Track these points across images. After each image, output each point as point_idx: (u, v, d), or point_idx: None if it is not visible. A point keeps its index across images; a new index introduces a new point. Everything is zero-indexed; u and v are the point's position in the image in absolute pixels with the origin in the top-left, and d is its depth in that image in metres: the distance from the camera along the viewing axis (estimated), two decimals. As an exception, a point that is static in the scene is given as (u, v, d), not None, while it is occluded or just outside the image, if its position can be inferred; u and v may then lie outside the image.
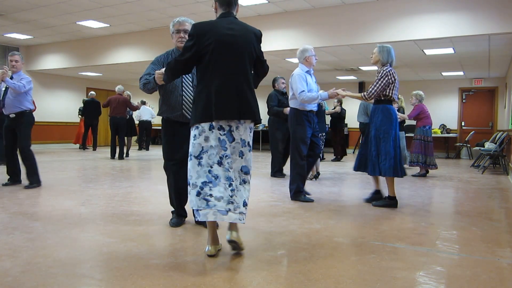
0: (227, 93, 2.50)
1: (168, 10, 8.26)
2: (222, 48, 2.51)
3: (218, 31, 2.52)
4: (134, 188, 5.39)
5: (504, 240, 3.32)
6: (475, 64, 10.17)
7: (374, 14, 7.37)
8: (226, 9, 2.60)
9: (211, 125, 2.50)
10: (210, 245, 2.62)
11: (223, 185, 2.49)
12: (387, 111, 4.30)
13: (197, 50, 2.52)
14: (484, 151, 8.53)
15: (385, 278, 2.33)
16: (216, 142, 2.51)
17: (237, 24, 2.60)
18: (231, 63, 2.54)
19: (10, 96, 5.24)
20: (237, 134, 2.55)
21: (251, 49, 2.62)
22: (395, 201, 4.39)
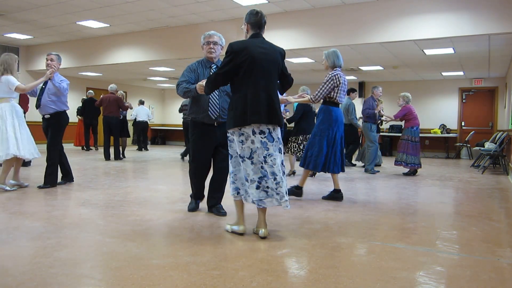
0: (260, 101, 2.95)
1: (168, 10, 8.25)
2: (255, 64, 2.96)
3: (252, 49, 2.98)
4: (134, 188, 5.39)
5: (504, 240, 3.32)
6: (475, 64, 10.17)
7: (374, 14, 7.36)
8: (257, 31, 3.11)
9: (253, 131, 2.96)
10: (241, 225, 3.18)
11: (270, 180, 2.98)
12: (329, 112, 4.60)
13: (234, 65, 2.96)
14: (484, 151, 8.53)
15: (385, 278, 2.33)
16: (259, 144, 2.97)
17: (266, 43, 3.11)
18: (262, 76, 2.99)
19: (46, 97, 5.26)
20: (275, 135, 3.04)
21: (277, 65, 3.11)
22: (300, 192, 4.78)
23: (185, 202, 4.44)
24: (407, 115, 7.55)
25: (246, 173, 3.01)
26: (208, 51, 3.76)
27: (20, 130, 5.03)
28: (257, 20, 3.08)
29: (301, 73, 11.98)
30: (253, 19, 3.08)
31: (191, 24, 9.23)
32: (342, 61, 4.65)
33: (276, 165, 2.98)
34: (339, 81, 4.50)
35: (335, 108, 4.61)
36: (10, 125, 4.95)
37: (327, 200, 4.74)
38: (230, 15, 8.43)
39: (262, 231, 3.07)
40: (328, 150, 4.59)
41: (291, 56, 9.41)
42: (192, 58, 9.65)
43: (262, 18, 3.10)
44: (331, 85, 4.49)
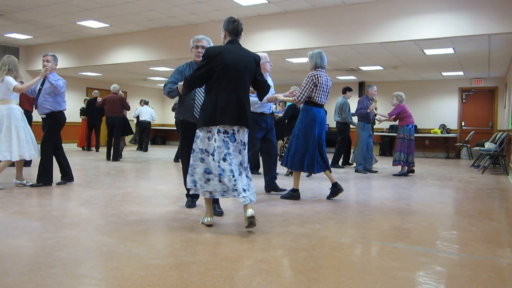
0: (229, 104, 3.16)
1: (168, 10, 8.26)
2: (228, 69, 3.16)
3: (226, 55, 3.18)
4: (134, 188, 5.39)
5: (504, 240, 3.32)
6: (475, 64, 10.17)
7: (374, 14, 7.36)
8: (233, 37, 3.32)
9: (218, 130, 3.16)
10: (209, 217, 3.40)
11: (227, 177, 3.14)
12: (307, 111, 4.63)
13: (208, 69, 3.16)
14: (484, 151, 8.53)
15: (385, 278, 2.33)
16: (220, 143, 3.17)
17: (241, 50, 3.30)
18: (234, 81, 3.20)
19: (42, 97, 5.27)
20: (238, 137, 3.25)
21: (250, 71, 3.30)
22: (297, 194, 4.74)
23: (185, 202, 4.44)
24: (401, 114, 7.58)
25: (210, 166, 3.19)
26: (196, 55, 3.91)
27: (18, 132, 5.04)
28: (234, 28, 3.31)
29: (301, 73, 11.98)
30: (231, 27, 3.31)
31: (191, 24, 9.23)
32: (325, 62, 4.66)
33: (234, 164, 3.19)
34: (318, 81, 4.51)
35: (315, 108, 4.61)
36: (6, 128, 4.97)
37: (329, 200, 4.74)
38: (230, 15, 8.41)
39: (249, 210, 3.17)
40: (308, 149, 4.60)
41: (291, 56, 9.41)
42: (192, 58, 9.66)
43: (239, 26, 3.32)
44: (310, 85, 4.52)
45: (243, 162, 3.31)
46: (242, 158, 3.30)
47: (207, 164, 3.20)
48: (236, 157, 3.25)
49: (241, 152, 3.29)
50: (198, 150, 3.25)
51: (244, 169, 3.32)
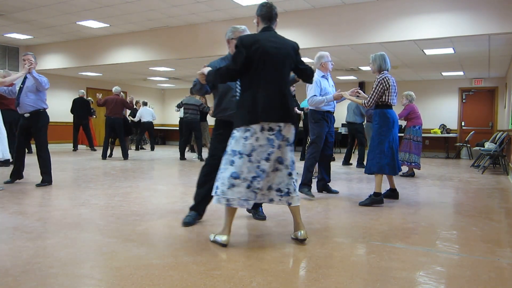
0: (271, 98, 2.82)
1: (168, 10, 8.25)
2: (266, 59, 2.81)
3: (263, 43, 2.82)
4: (134, 188, 5.39)
5: (504, 240, 3.32)
6: (475, 64, 10.17)
7: (374, 14, 7.36)
8: (267, 24, 2.97)
9: (262, 127, 2.80)
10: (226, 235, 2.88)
11: (266, 178, 2.86)
12: (384, 115, 4.61)
13: (245, 60, 2.80)
14: (484, 151, 8.53)
15: (385, 278, 2.33)
16: (264, 142, 2.81)
17: (278, 38, 2.95)
18: (274, 72, 2.85)
19: (25, 95, 5.23)
20: (285, 133, 2.88)
21: (290, 59, 2.95)
22: (380, 198, 4.56)
23: (185, 202, 4.44)
24: (410, 114, 7.50)
25: (240, 170, 2.81)
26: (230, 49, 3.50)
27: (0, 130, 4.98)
28: (267, 12, 2.97)
29: (301, 73, 11.98)
30: (264, 11, 2.97)
31: (191, 24, 9.23)
32: (389, 65, 4.67)
33: (271, 163, 2.87)
34: (388, 83, 4.54)
35: (390, 111, 4.64)
36: None
37: (329, 200, 4.74)
38: (230, 15, 8.43)
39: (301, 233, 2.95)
40: (391, 152, 4.60)
41: (291, 56, 9.40)
42: (192, 58, 9.68)
43: (273, 10, 2.98)
44: (381, 88, 4.53)
45: (284, 159, 2.92)
46: (281, 155, 2.91)
47: (236, 168, 2.81)
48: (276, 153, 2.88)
49: (281, 148, 2.90)
50: (230, 152, 2.87)
51: (286, 167, 2.93)
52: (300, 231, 2.96)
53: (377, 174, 4.57)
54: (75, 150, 12.16)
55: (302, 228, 2.97)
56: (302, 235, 2.94)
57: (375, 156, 4.58)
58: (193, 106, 9.72)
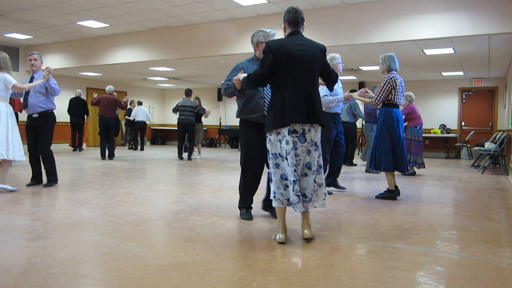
0: (298, 100, 2.87)
1: (168, 10, 8.25)
2: (293, 62, 2.88)
3: (289, 47, 2.90)
4: (134, 188, 5.39)
5: (504, 240, 3.32)
6: (475, 64, 10.17)
7: (374, 14, 7.36)
8: (294, 28, 3.05)
9: (289, 130, 2.86)
10: (280, 233, 2.98)
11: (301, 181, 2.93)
12: (389, 113, 4.79)
13: (273, 65, 2.88)
14: (484, 151, 8.53)
15: (385, 278, 2.33)
16: (292, 145, 2.87)
17: (304, 40, 3.02)
18: (301, 75, 2.90)
19: (34, 96, 5.22)
20: (309, 136, 2.93)
21: (317, 61, 2.99)
22: (393, 194, 4.84)
23: (185, 202, 4.45)
24: (410, 114, 7.55)
25: (285, 172, 2.94)
26: None
27: (13, 131, 4.92)
28: (294, 17, 3.04)
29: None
30: (290, 16, 3.04)
31: (191, 24, 9.23)
32: (398, 65, 4.84)
33: (299, 167, 2.93)
34: (395, 83, 4.68)
35: (395, 109, 4.81)
36: (4, 126, 4.84)
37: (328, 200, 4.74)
38: (230, 15, 8.43)
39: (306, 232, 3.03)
40: (394, 149, 4.78)
41: (291, 56, 9.40)
42: (192, 58, 9.69)
43: (299, 15, 3.05)
44: (388, 87, 4.69)
45: (312, 164, 2.97)
46: (310, 160, 2.96)
47: (282, 170, 2.94)
48: (304, 158, 2.93)
49: (310, 153, 2.95)
50: (272, 156, 2.98)
51: (313, 173, 2.97)
52: (306, 230, 3.03)
53: (386, 172, 4.80)
54: (74, 150, 12.14)
55: (308, 227, 3.04)
56: (306, 234, 3.02)
57: (381, 155, 4.77)
58: (189, 108, 9.92)
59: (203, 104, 17.12)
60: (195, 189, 5.42)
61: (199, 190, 5.29)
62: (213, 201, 4.53)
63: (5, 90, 4.92)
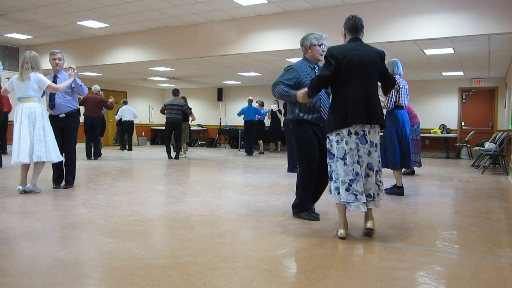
0: (358, 103, 3.02)
1: (168, 10, 8.25)
2: (353, 67, 3.05)
3: (350, 53, 3.06)
4: (134, 188, 5.39)
5: (504, 240, 3.32)
6: (475, 64, 10.17)
7: (374, 14, 7.36)
8: (354, 35, 3.19)
9: (349, 131, 3.04)
10: (342, 229, 3.14)
11: (361, 180, 3.05)
12: (395, 116, 5.17)
13: (334, 69, 3.05)
14: (484, 151, 8.53)
15: (385, 278, 2.33)
16: (354, 145, 3.05)
17: (364, 46, 3.16)
18: (360, 79, 3.06)
19: (61, 96, 5.20)
20: (369, 137, 3.09)
21: (375, 66, 3.14)
22: (401, 190, 5.21)
23: (185, 202, 4.45)
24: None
25: (338, 173, 3.10)
26: (321, 54, 3.72)
27: (48, 132, 4.79)
28: (353, 24, 3.18)
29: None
30: (350, 24, 3.19)
31: (191, 24, 9.23)
32: (402, 70, 5.26)
33: (363, 167, 3.07)
34: (399, 86, 5.07)
35: (400, 111, 5.17)
36: (40, 127, 4.71)
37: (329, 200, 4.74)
38: (230, 15, 8.42)
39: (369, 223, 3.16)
40: (402, 148, 5.18)
41: (291, 56, 9.40)
42: (192, 58, 9.69)
43: (359, 22, 3.19)
44: (394, 91, 5.04)
45: (373, 164, 3.13)
46: (371, 161, 3.12)
47: (337, 171, 3.11)
48: (366, 159, 3.09)
49: (371, 154, 3.12)
50: (332, 156, 3.17)
51: (375, 173, 3.14)
52: (369, 221, 3.17)
53: (393, 170, 5.20)
54: None
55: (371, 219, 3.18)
56: (369, 225, 3.16)
57: (388, 155, 5.16)
58: (177, 106, 10.07)
59: (203, 104, 17.19)
60: (195, 189, 5.42)
61: (199, 190, 5.29)
62: (213, 201, 4.53)
63: (38, 90, 4.81)
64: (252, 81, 14.73)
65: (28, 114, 4.69)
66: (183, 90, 17.31)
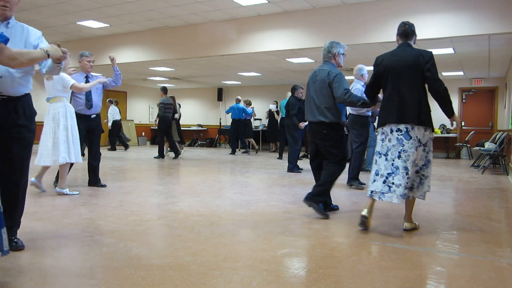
0: (395, 103, 3.31)
1: (168, 10, 8.25)
2: (389, 72, 3.36)
3: (387, 60, 3.38)
4: (134, 188, 5.39)
5: (504, 240, 3.32)
6: (475, 64, 10.16)
7: (374, 14, 7.36)
8: (404, 40, 3.43)
9: (391, 129, 3.32)
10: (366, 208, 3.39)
11: (401, 174, 3.25)
12: None
13: (375, 75, 3.48)
14: (484, 151, 8.53)
15: (385, 278, 2.33)
16: (395, 142, 3.30)
17: (406, 51, 3.36)
18: (398, 82, 3.33)
19: (97, 96, 5.20)
20: (413, 133, 3.27)
21: (412, 69, 3.30)
22: None
23: (185, 202, 4.45)
24: None
25: (379, 167, 3.39)
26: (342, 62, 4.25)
27: (73, 132, 4.68)
28: (403, 31, 3.43)
29: (301, 73, 11.98)
30: (400, 30, 3.45)
31: (191, 24, 9.23)
32: None
33: (409, 161, 3.25)
34: None
35: None
36: (64, 128, 4.60)
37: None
38: (230, 15, 8.42)
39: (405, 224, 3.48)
40: None
41: (291, 56, 9.41)
42: (192, 58, 9.68)
43: (408, 28, 3.42)
44: None
45: (419, 162, 3.34)
46: (417, 156, 3.32)
47: (377, 166, 3.39)
48: (413, 154, 3.26)
49: (417, 150, 3.30)
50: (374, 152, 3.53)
51: (421, 168, 3.37)
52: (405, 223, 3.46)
53: None
54: None
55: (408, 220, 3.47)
56: (405, 226, 3.46)
57: None
58: (170, 105, 10.33)
59: (203, 104, 17.18)
60: (195, 189, 5.42)
61: (199, 190, 5.29)
62: (213, 201, 4.53)
63: (63, 90, 4.71)
64: (252, 81, 14.73)
65: (53, 115, 4.63)
66: (183, 90, 17.31)
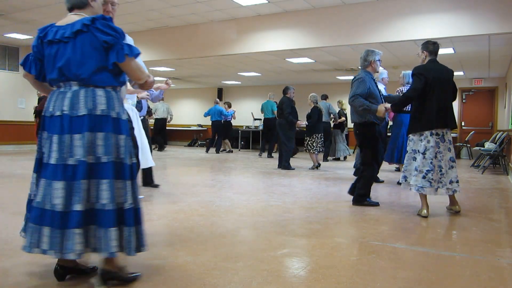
0: (436, 111, 3.81)
1: (168, 10, 8.25)
2: (435, 83, 3.83)
3: (429, 72, 3.84)
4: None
5: (504, 240, 3.32)
6: (475, 64, 10.17)
7: (374, 14, 7.36)
8: (434, 57, 3.96)
9: (431, 133, 3.84)
10: (424, 209, 3.91)
11: (435, 172, 3.82)
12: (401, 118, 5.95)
13: (424, 83, 3.80)
14: (484, 151, 8.53)
15: (385, 278, 2.33)
16: (433, 144, 3.84)
17: (440, 65, 3.95)
18: (440, 92, 3.84)
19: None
20: (447, 137, 3.90)
21: (450, 82, 3.95)
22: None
23: (185, 202, 4.44)
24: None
25: (417, 164, 3.87)
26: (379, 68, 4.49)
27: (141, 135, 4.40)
28: (434, 49, 3.95)
29: (301, 73, 11.98)
30: (431, 48, 3.95)
31: (191, 24, 9.23)
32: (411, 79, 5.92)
33: (444, 160, 3.85)
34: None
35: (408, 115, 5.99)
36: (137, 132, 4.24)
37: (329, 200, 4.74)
38: (229, 15, 8.43)
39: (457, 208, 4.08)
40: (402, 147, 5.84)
41: (291, 56, 9.41)
42: (192, 58, 9.69)
43: (437, 47, 3.97)
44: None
45: (453, 158, 3.93)
46: (452, 155, 3.92)
47: (417, 163, 3.88)
48: (446, 154, 3.87)
49: (450, 150, 3.92)
50: (410, 151, 3.98)
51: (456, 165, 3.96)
52: (456, 206, 4.07)
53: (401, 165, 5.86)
54: None
55: (457, 204, 4.07)
56: (457, 208, 4.07)
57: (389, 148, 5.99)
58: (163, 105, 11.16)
59: (204, 104, 17.15)
60: (195, 189, 5.41)
61: (199, 190, 5.29)
62: (213, 201, 4.53)
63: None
64: (252, 81, 14.73)
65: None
66: (183, 90, 17.30)
